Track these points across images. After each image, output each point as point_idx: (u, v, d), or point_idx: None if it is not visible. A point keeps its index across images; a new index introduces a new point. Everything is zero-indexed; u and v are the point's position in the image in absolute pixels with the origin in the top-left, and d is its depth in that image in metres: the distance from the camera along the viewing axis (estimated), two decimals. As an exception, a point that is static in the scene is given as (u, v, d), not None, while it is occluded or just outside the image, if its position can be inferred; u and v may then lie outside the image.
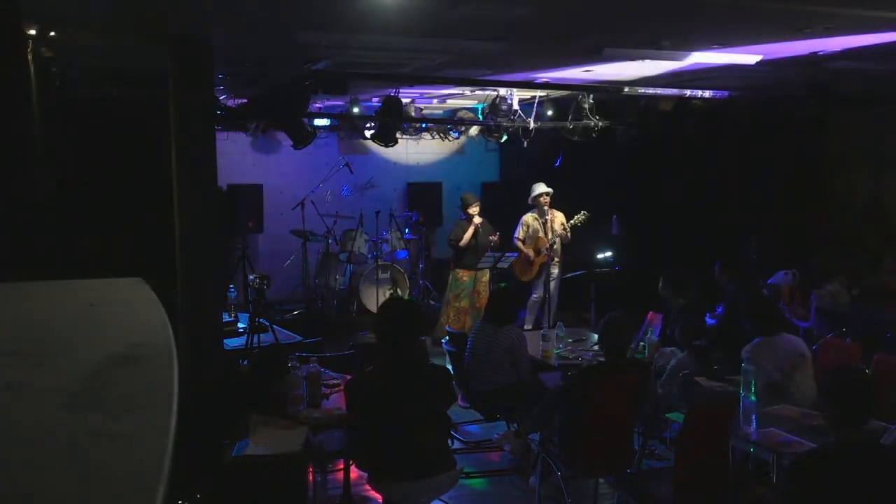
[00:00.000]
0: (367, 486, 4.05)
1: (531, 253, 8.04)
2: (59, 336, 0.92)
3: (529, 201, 8.15)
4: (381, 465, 3.69)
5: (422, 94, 8.43)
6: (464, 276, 8.19)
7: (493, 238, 8.21)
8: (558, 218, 8.13)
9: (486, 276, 8.28)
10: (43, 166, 4.50)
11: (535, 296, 8.25)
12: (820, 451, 3.18)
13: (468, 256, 8.16)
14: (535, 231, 8.10)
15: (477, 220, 8.16)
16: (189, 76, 4.83)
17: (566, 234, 8.00)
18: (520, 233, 8.13)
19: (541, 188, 8.03)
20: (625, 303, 6.25)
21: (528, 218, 8.14)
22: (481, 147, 11.11)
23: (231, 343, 5.68)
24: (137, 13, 4.43)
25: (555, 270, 8.14)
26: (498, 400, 5.35)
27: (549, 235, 8.02)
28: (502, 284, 7.86)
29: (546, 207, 7.99)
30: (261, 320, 5.78)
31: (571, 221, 7.91)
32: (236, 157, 9.80)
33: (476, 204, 8.22)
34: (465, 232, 8.10)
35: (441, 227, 10.71)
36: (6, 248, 3.11)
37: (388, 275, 9.51)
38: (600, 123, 8.04)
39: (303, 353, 5.27)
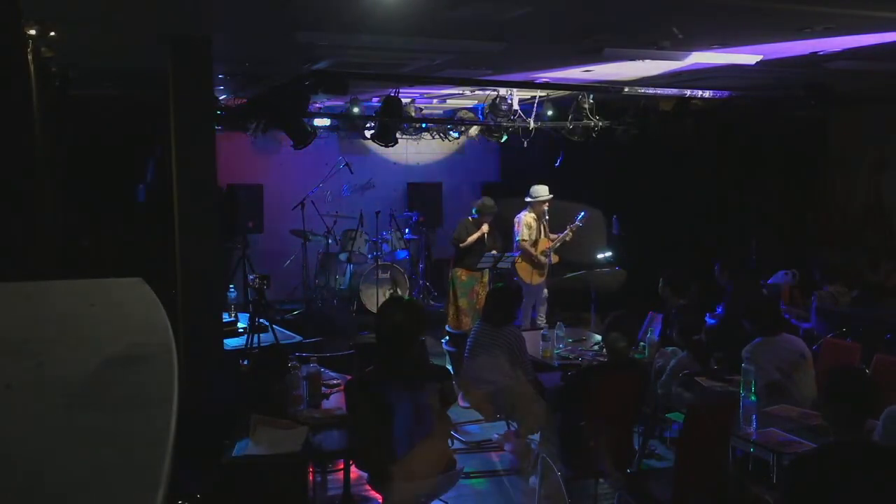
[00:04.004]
0: (368, 486, 4.05)
1: (540, 256, 8.01)
2: (59, 336, 0.92)
3: (529, 202, 8.14)
4: (380, 466, 3.69)
5: (422, 94, 8.43)
6: (463, 275, 8.15)
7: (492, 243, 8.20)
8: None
9: (485, 277, 8.24)
10: (43, 166, 4.50)
11: (543, 296, 8.26)
12: (820, 451, 3.18)
13: (470, 257, 8.13)
14: (536, 232, 8.09)
15: (486, 228, 8.07)
16: (189, 76, 4.83)
17: (569, 235, 7.98)
18: (524, 234, 8.07)
19: (544, 194, 7.99)
20: (625, 303, 6.26)
21: (529, 219, 8.12)
22: (481, 147, 11.11)
23: (231, 343, 5.68)
24: (137, 13, 4.43)
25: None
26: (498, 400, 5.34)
27: (546, 235, 8.04)
28: (500, 284, 7.85)
29: (545, 209, 8.01)
30: (261, 320, 5.78)
31: (576, 223, 7.90)
32: (236, 157, 9.80)
33: (492, 215, 8.11)
34: (468, 234, 8.06)
35: (441, 227, 10.71)
36: (7, 247, 3.11)
37: (388, 275, 9.52)
38: (600, 123, 8.03)
39: (303, 353, 5.27)
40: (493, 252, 8.03)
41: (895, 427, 3.39)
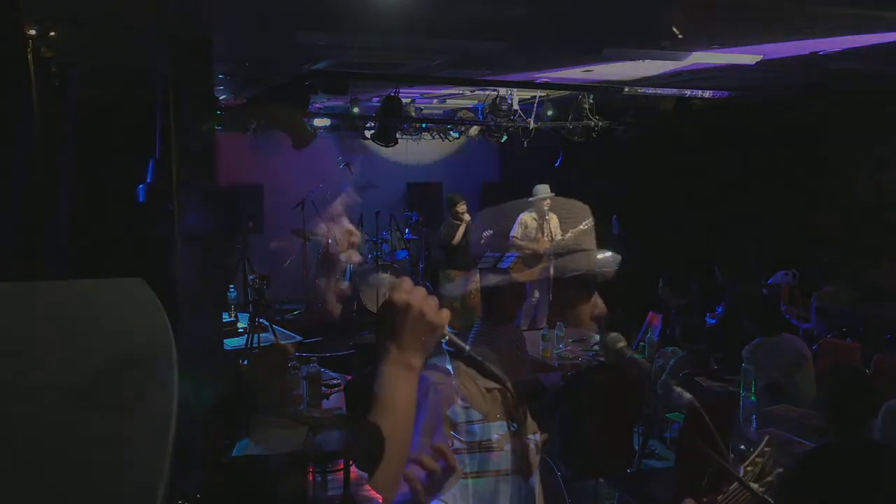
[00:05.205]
0: (367, 487, 4.04)
1: (530, 250, 8.00)
2: (60, 336, 0.92)
3: (530, 201, 8.14)
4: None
5: (422, 94, 8.42)
6: (455, 276, 8.19)
7: (486, 235, 8.22)
8: (554, 219, 8.13)
9: (476, 276, 8.24)
10: (43, 166, 4.50)
11: (532, 299, 8.22)
12: (820, 451, 3.18)
13: (459, 256, 8.16)
14: (534, 231, 8.08)
15: (467, 217, 8.16)
16: (189, 76, 4.83)
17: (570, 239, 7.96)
18: (517, 232, 8.06)
19: (543, 193, 7.99)
20: (625, 303, 6.20)
21: (527, 218, 8.12)
22: (481, 147, 11.11)
23: (231, 343, 5.67)
24: (137, 13, 4.42)
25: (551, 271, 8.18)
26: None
27: (548, 236, 8.02)
28: (497, 284, 7.83)
29: (546, 208, 8.00)
30: (261, 320, 5.78)
31: (582, 227, 7.89)
32: (236, 157, 9.79)
33: (463, 203, 8.23)
34: (456, 231, 8.12)
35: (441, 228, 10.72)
36: (7, 247, 3.11)
37: (388, 275, 9.52)
38: (600, 123, 8.03)
39: (303, 353, 5.27)
40: (493, 253, 8.03)
41: (895, 421, 3.39)
